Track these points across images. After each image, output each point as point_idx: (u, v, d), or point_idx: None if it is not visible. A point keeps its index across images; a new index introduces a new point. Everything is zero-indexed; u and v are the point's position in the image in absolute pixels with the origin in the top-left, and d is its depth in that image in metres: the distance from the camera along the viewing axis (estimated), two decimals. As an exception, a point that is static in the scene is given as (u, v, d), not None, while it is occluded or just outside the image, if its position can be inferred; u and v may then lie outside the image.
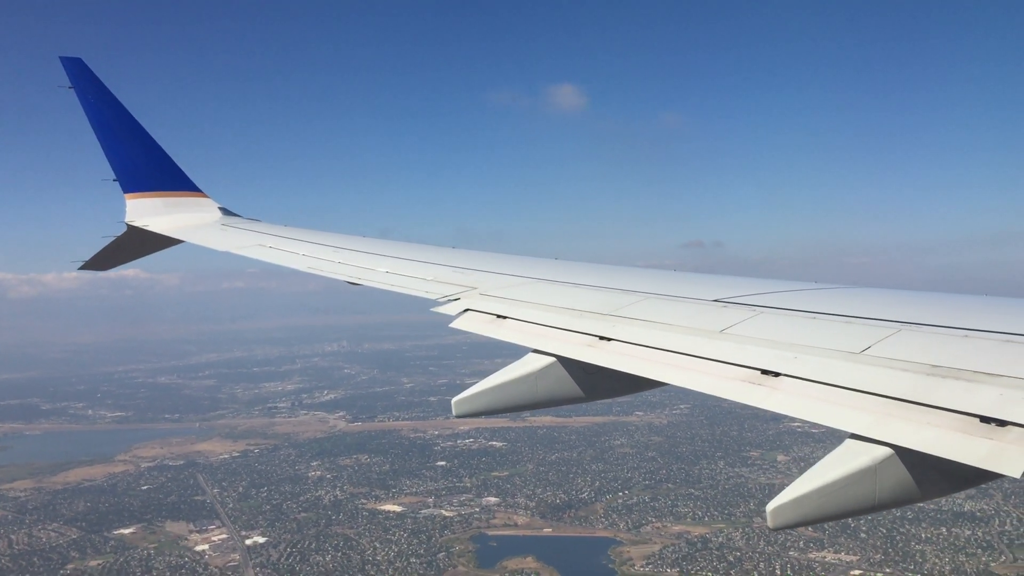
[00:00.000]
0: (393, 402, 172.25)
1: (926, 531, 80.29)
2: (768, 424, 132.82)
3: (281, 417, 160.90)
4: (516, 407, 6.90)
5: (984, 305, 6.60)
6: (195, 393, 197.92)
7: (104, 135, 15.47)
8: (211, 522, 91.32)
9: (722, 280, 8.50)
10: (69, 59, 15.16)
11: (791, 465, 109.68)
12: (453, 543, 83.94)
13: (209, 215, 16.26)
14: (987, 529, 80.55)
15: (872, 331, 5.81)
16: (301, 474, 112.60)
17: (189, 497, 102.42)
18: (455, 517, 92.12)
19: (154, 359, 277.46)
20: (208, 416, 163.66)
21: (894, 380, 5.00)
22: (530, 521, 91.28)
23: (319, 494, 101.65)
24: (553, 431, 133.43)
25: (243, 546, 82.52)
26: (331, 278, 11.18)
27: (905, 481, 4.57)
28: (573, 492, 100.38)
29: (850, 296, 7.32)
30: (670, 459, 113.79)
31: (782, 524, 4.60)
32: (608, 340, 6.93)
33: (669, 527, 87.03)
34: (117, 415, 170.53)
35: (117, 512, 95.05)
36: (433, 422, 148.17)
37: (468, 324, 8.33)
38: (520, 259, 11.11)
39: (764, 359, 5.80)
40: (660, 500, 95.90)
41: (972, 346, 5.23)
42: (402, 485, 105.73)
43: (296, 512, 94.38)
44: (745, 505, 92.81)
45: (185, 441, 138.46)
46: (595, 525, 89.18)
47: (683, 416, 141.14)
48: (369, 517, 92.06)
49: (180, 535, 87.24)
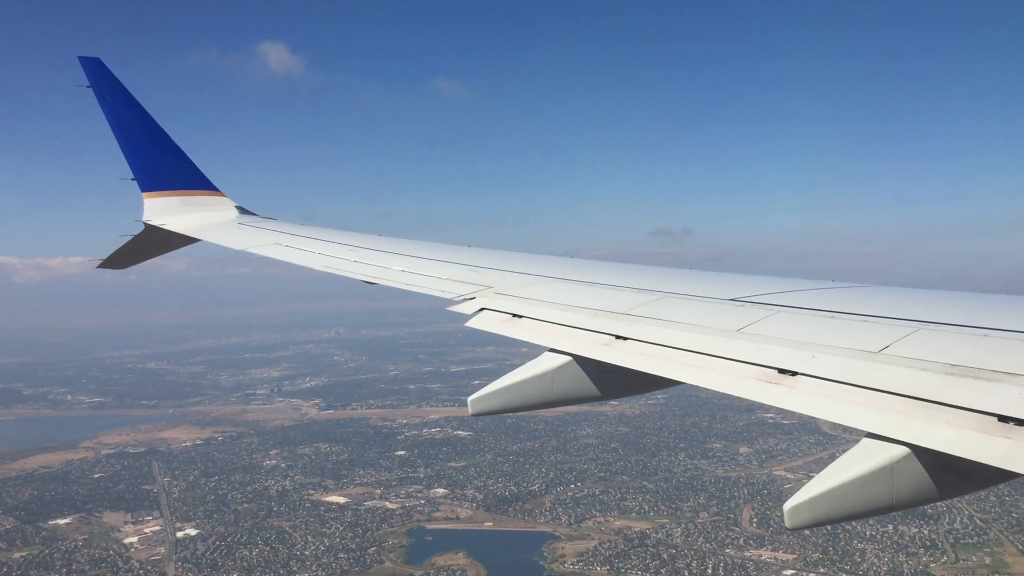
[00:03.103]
0: (372, 390, 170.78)
1: (872, 528, 77.60)
2: (740, 415, 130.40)
3: (256, 404, 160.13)
4: (532, 406, 6.89)
5: (1003, 304, 6.49)
6: (179, 379, 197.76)
7: (122, 134, 15.72)
8: (149, 513, 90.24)
9: (738, 279, 8.51)
10: (88, 59, 15.42)
11: (752, 458, 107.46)
12: (388, 537, 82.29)
13: (226, 214, 16.46)
14: (935, 527, 77.80)
15: (890, 330, 5.78)
16: (256, 463, 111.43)
17: (137, 486, 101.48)
18: (398, 510, 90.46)
19: (151, 344, 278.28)
20: (184, 403, 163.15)
21: (912, 380, 4.96)
22: (473, 514, 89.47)
23: (267, 484, 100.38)
24: (522, 421, 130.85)
25: (172, 539, 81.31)
26: (346, 277, 11.27)
27: (923, 481, 4.53)
28: (524, 484, 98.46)
29: (867, 295, 7.30)
30: (631, 451, 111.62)
31: (799, 524, 4.51)
32: (624, 339, 6.91)
33: (612, 522, 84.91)
34: (96, 401, 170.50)
35: (60, 501, 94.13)
36: (405, 410, 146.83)
37: (484, 323, 8.33)
38: (536, 258, 11.14)
39: (781, 358, 5.75)
40: (610, 493, 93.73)
41: (991, 345, 5.20)
42: (354, 475, 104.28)
43: (239, 503, 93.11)
44: (695, 499, 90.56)
45: (154, 428, 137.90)
46: (538, 519, 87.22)
47: (657, 406, 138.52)
48: (311, 509, 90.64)
49: (114, 526, 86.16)
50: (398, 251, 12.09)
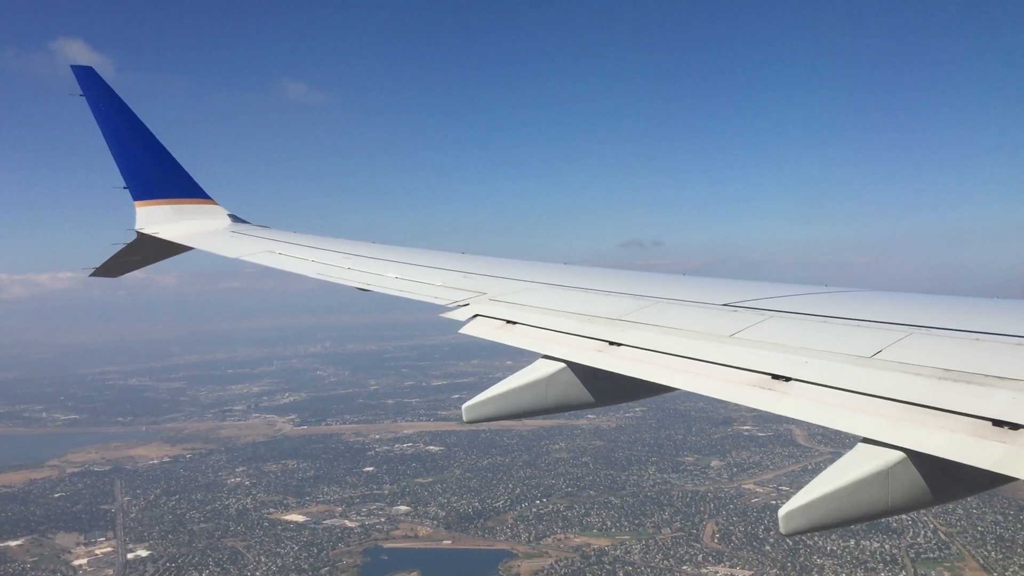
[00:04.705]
0: (350, 405, 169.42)
1: (834, 543, 76.21)
2: (716, 428, 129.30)
3: (231, 420, 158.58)
4: (526, 413, 6.83)
5: (995, 308, 6.49)
6: (158, 395, 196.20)
7: (115, 143, 15.59)
8: (103, 534, 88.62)
9: (732, 284, 8.47)
10: (80, 67, 15.36)
11: (723, 471, 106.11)
12: (342, 557, 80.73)
13: (219, 222, 16.33)
14: (898, 541, 76.45)
15: (883, 335, 5.78)
16: (221, 481, 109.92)
17: (96, 506, 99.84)
18: (357, 528, 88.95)
19: (135, 360, 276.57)
20: (160, 419, 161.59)
21: (906, 384, 4.93)
22: (433, 532, 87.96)
23: (228, 503, 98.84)
24: (496, 435, 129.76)
25: (123, 560, 79.76)
26: (341, 284, 11.19)
27: (918, 485, 4.52)
28: (489, 500, 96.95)
29: (860, 300, 7.29)
30: (602, 465, 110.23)
31: (794, 530, 4.48)
32: (618, 345, 6.90)
33: (572, 539, 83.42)
34: (70, 418, 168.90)
35: (14, 522, 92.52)
36: (379, 425, 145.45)
37: (477, 330, 8.23)
38: (530, 264, 11.13)
39: (775, 363, 5.73)
40: (575, 509, 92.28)
41: (984, 350, 5.18)
42: (318, 493, 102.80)
43: (196, 522, 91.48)
44: (659, 515, 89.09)
45: (124, 445, 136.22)
46: (498, 536, 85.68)
47: (634, 419, 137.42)
48: (268, 528, 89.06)
49: (66, 547, 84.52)
50: (393, 258, 12.07)
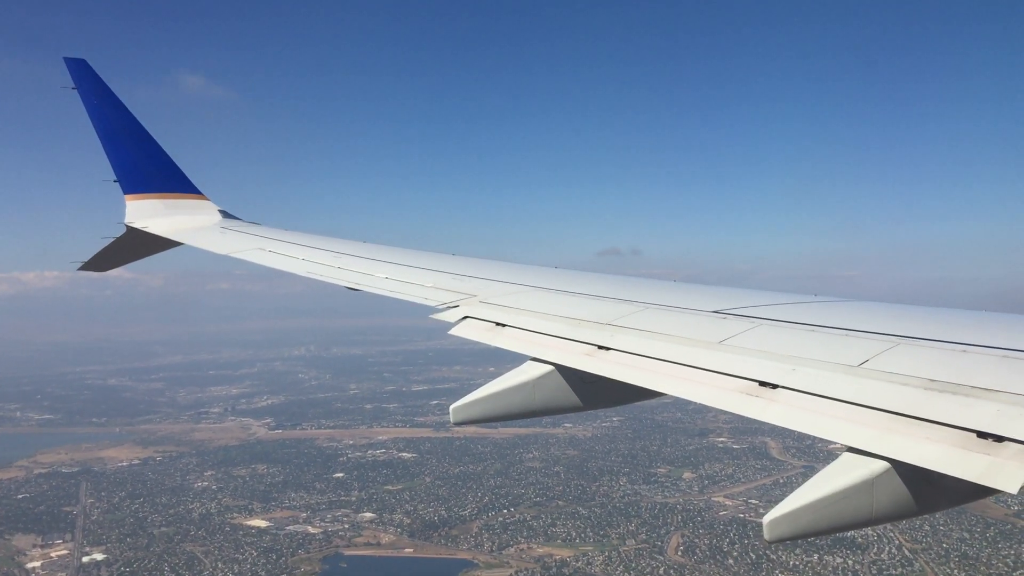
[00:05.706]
0: (327, 409, 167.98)
1: (797, 557, 75.50)
2: (691, 439, 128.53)
3: (206, 423, 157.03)
4: (513, 415, 6.82)
5: (982, 320, 6.47)
6: (136, 396, 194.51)
7: (106, 136, 15.49)
8: (62, 536, 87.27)
9: (721, 291, 8.47)
10: (73, 60, 15.24)
11: (694, 483, 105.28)
12: (301, 564, 79.57)
13: (209, 218, 16.27)
14: (861, 557, 75.71)
15: (870, 344, 5.76)
16: (188, 485, 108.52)
17: (58, 508, 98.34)
18: (319, 535, 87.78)
19: (117, 360, 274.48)
20: (135, 421, 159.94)
21: (892, 394, 4.92)
22: (396, 540, 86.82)
23: (192, 507, 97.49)
24: (471, 443, 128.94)
25: (77, 563, 78.47)
26: (328, 283, 11.08)
27: (902, 495, 4.52)
28: (456, 509, 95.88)
29: (848, 310, 7.26)
30: (574, 475, 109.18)
31: (778, 537, 4.45)
32: (607, 350, 6.89)
33: (534, 549, 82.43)
34: (45, 418, 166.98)
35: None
36: (354, 431, 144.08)
37: (467, 332, 8.24)
38: (520, 267, 11.10)
39: (763, 371, 5.71)
40: (541, 519, 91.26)
41: (970, 361, 5.19)
42: (284, 498, 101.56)
43: (157, 526, 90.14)
44: (625, 526, 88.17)
45: (95, 447, 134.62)
46: (461, 545, 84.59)
47: (610, 429, 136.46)
48: (228, 533, 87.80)
49: (22, 550, 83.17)
50: (383, 258, 12.00)
